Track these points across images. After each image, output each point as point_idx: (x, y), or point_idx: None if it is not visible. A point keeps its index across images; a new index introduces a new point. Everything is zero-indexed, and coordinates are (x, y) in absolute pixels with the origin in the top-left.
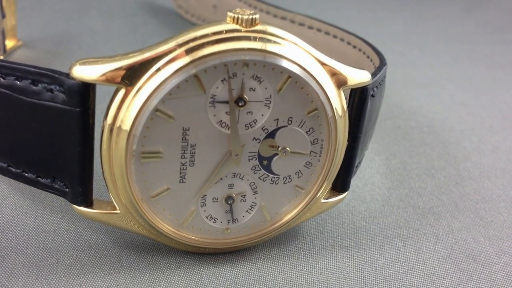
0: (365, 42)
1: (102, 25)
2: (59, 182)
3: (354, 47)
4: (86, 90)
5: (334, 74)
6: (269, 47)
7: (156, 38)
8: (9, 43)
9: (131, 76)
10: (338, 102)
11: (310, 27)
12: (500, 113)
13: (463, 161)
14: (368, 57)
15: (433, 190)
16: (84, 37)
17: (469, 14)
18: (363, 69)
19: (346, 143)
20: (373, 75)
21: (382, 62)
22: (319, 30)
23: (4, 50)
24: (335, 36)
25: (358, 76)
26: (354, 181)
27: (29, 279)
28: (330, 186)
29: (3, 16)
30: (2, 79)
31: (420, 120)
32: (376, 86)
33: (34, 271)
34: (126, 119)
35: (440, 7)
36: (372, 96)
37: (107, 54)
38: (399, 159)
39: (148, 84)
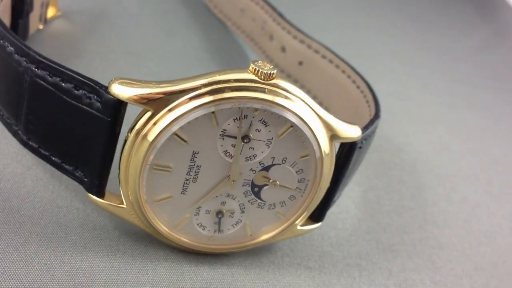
0: (368, 87)
1: (136, 7)
2: (80, 172)
3: (358, 87)
4: (119, 105)
5: (330, 128)
6: (278, 100)
7: (182, 28)
8: (50, 12)
9: (159, 102)
10: (329, 152)
11: (324, 57)
12: (479, 164)
13: (431, 205)
14: (367, 101)
15: (398, 229)
16: (117, 17)
17: (477, 56)
18: (355, 125)
19: (328, 184)
20: (365, 128)
21: (377, 114)
22: (330, 61)
23: (45, 20)
24: (343, 71)
25: (350, 132)
26: (331, 208)
27: (40, 248)
28: (307, 215)
29: None
30: (49, 78)
31: (404, 157)
32: (365, 139)
33: (45, 242)
34: (151, 132)
35: (453, 43)
36: (360, 147)
37: (136, 37)
38: (375, 192)
39: (173, 112)
